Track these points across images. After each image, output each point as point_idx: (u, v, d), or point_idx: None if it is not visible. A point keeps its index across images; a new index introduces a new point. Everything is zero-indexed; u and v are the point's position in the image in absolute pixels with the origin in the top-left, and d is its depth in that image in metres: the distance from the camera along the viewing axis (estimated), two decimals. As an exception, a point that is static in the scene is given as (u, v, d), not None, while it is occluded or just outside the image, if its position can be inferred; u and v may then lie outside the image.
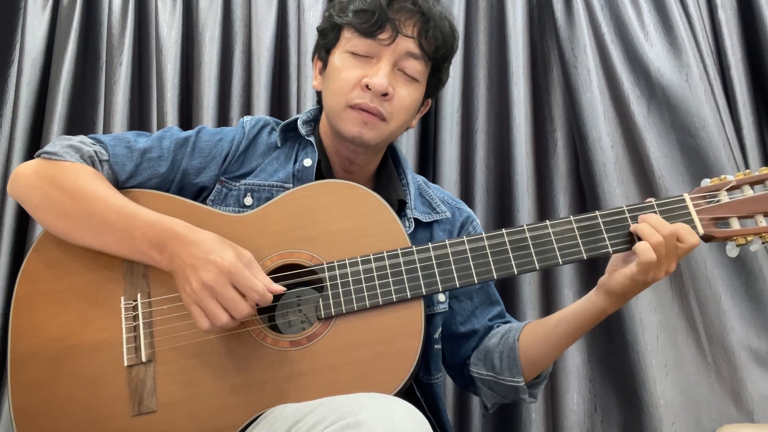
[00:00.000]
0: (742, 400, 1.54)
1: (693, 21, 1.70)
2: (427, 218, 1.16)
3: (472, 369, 1.14)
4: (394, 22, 1.03)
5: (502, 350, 1.09)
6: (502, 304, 1.21)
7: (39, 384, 0.95)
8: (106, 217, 0.97)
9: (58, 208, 0.99)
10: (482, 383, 1.14)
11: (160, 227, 0.95)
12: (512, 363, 1.07)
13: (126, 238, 0.96)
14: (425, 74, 1.10)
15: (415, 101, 1.09)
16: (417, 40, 1.05)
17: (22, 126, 1.70)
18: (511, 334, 1.10)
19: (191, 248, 0.91)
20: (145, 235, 0.95)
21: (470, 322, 1.17)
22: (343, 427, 0.70)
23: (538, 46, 1.81)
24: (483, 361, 1.12)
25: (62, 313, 0.98)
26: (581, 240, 0.96)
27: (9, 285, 1.61)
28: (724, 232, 0.96)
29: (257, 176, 1.10)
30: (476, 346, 1.16)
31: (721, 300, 1.58)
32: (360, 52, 1.05)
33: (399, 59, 1.05)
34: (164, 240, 0.94)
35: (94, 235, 0.98)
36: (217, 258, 0.89)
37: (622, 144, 1.68)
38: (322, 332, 0.93)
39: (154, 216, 0.97)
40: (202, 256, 0.90)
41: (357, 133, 1.04)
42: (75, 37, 1.76)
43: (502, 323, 1.18)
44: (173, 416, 0.92)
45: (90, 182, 1.00)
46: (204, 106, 1.72)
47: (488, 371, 1.11)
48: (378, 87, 1.02)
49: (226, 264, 0.89)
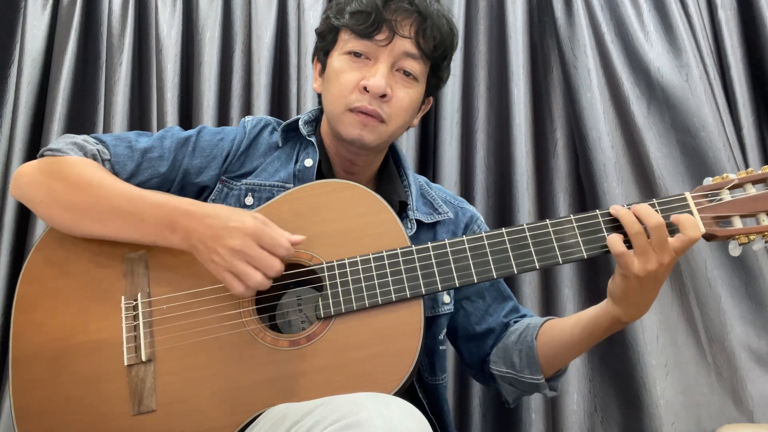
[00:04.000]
0: (742, 400, 1.54)
1: (693, 21, 1.70)
2: (429, 219, 1.16)
3: (492, 367, 1.15)
4: (390, 23, 1.03)
5: (521, 348, 1.09)
6: (515, 298, 1.22)
7: (40, 383, 0.95)
8: (113, 203, 0.97)
9: (64, 200, 0.99)
10: (503, 380, 1.14)
11: (168, 207, 0.96)
12: (531, 362, 1.07)
13: (135, 221, 0.96)
14: (424, 74, 1.09)
15: (415, 101, 1.09)
16: (414, 39, 1.05)
17: (22, 126, 1.70)
18: (529, 332, 1.10)
19: (207, 220, 0.93)
20: (155, 216, 0.95)
21: (485, 321, 1.17)
22: (342, 426, 0.70)
23: (538, 46, 1.82)
24: (503, 359, 1.13)
25: (63, 313, 0.98)
26: (581, 239, 0.96)
27: (10, 285, 1.61)
28: (726, 231, 0.95)
29: (258, 176, 1.10)
30: (494, 343, 1.16)
31: (721, 300, 1.58)
32: (358, 54, 1.05)
33: (397, 60, 1.05)
34: (175, 218, 0.94)
35: (102, 224, 0.98)
36: (239, 224, 0.91)
37: (622, 144, 1.68)
38: (322, 332, 0.93)
39: (161, 197, 0.98)
40: (222, 225, 0.92)
41: (357, 136, 1.05)
42: (75, 37, 1.75)
43: (519, 317, 1.18)
44: (173, 415, 0.92)
45: (94, 173, 1.00)
46: (204, 106, 1.72)
47: (508, 369, 1.11)
48: (376, 89, 1.02)
49: (250, 227, 0.91)
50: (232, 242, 0.90)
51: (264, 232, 0.91)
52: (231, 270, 0.91)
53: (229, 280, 0.91)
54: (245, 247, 0.90)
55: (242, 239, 0.90)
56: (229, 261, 0.90)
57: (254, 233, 0.91)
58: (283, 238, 0.92)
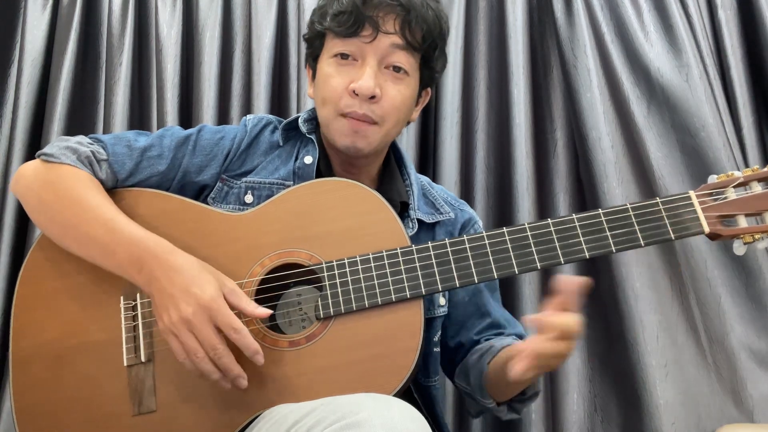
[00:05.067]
0: (742, 400, 1.54)
1: (693, 21, 1.70)
2: (431, 219, 1.15)
3: (456, 380, 1.18)
4: (373, 20, 1.02)
5: (475, 372, 1.09)
6: (495, 315, 1.18)
7: (40, 384, 0.95)
8: (92, 231, 0.96)
9: (50, 213, 1.00)
10: (464, 394, 1.17)
11: (142, 246, 0.93)
12: (480, 387, 1.08)
13: (108, 253, 0.95)
14: (415, 67, 1.08)
15: (408, 97, 1.08)
16: (400, 33, 1.03)
17: (22, 126, 1.70)
18: (487, 356, 1.08)
19: (171, 273, 0.89)
20: (127, 252, 0.93)
21: (459, 335, 1.17)
22: (342, 427, 0.70)
23: (538, 46, 1.81)
24: (463, 375, 1.14)
25: (63, 313, 0.98)
26: (584, 239, 0.95)
27: (9, 285, 1.61)
28: (730, 230, 0.94)
29: (258, 174, 1.10)
30: (461, 359, 1.16)
31: (721, 300, 1.58)
32: (345, 55, 1.04)
33: (384, 56, 1.04)
34: (144, 260, 0.92)
35: (79, 246, 0.98)
36: (198, 291, 0.87)
37: (622, 144, 1.68)
38: (321, 332, 0.93)
39: (139, 234, 0.95)
40: (183, 286, 0.87)
41: (350, 143, 1.04)
42: (75, 37, 1.75)
43: (493, 335, 1.16)
44: (173, 416, 0.92)
45: (83, 190, 0.99)
46: (204, 106, 1.72)
47: (466, 385, 1.13)
48: (365, 90, 1.01)
49: (206, 299, 0.86)
50: (184, 309, 0.86)
51: (219, 309, 0.86)
52: (175, 335, 0.87)
53: (173, 345, 0.88)
54: (195, 320, 0.85)
55: (195, 309, 0.86)
56: (177, 327, 0.87)
57: (209, 306, 0.86)
58: (238, 323, 0.86)
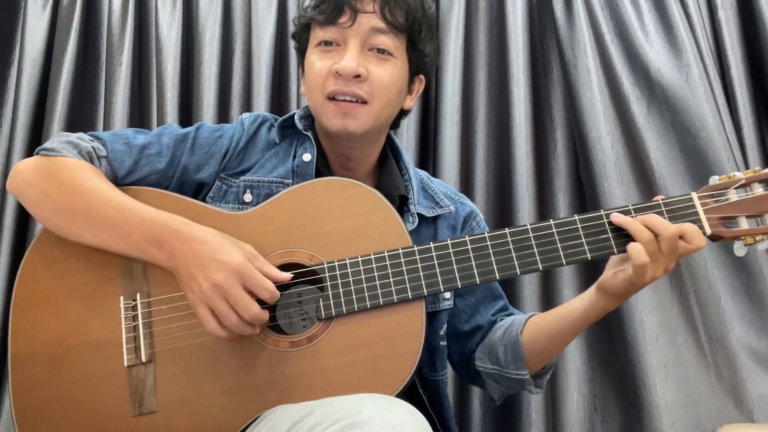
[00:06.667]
0: (742, 400, 1.54)
1: (693, 21, 1.70)
2: (431, 213, 1.15)
3: (478, 363, 1.15)
4: (351, 3, 1.02)
5: (506, 344, 1.09)
6: (505, 297, 1.22)
7: (40, 384, 0.95)
8: (103, 214, 0.96)
9: (56, 204, 0.99)
10: (488, 377, 1.14)
11: (158, 223, 0.94)
12: (516, 357, 1.07)
13: (123, 234, 0.95)
14: (401, 48, 1.07)
15: (396, 78, 1.06)
16: (380, 14, 1.03)
17: (22, 125, 1.70)
18: (514, 327, 1.10)
19: (195, 245, 0.90)
20: (143, 231, 0.94)
21: (474, 318, 1.17)
22: (343, 427, 0.70)
23: (538, 46, 1.81)
24: (488, 354, 1.12)
25: (62, 313, 0.97)
26: (586, 240, 0.95)
27: (9, 285, 1.61)
28: (732, 231, 0.94)
29: (256, 172, 1.10)
30: (480, 340, 1.16)
31: (721, 300, 1.58)
32: (328, 42, 1.05)
33: (366, 38, 1.03)
34: (163, 236, 0.93)
35: (92, 232, 0.97)
36: (226, 257, 0.88)
37: (622, 144, 1.68)
38: (323, 333, 0.93)
39: (152, 212, 0.96)
40: (209, 254, 0.89)
41: (340, 125, 1.03)
42: (75, 37, 1.75)
43: (506, 315, 1.18)
44: (174, 416, 0.92)
45: (88, 178, 0.99)
46: (204, 106, 1.72)
47: (493, 365, 1.11)
48: (347, 70, 1.01)
49: (237, 264, 0.88)
50: (215, 276, 0.87)
51: (249, 272, 0.88)
52: (208, 304, 0.88)
53: (203, 315, 0.88)
54: (227, 285, 0.86)
55: (226, 275, 0.87)
56: (209, 295, 0.87)
57: (239, 271, 0.87)
58: (269, 283, 0.88)
